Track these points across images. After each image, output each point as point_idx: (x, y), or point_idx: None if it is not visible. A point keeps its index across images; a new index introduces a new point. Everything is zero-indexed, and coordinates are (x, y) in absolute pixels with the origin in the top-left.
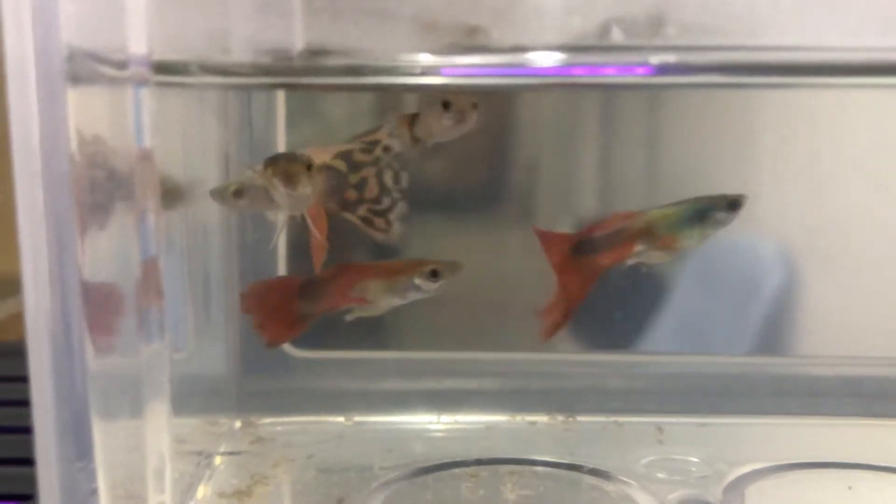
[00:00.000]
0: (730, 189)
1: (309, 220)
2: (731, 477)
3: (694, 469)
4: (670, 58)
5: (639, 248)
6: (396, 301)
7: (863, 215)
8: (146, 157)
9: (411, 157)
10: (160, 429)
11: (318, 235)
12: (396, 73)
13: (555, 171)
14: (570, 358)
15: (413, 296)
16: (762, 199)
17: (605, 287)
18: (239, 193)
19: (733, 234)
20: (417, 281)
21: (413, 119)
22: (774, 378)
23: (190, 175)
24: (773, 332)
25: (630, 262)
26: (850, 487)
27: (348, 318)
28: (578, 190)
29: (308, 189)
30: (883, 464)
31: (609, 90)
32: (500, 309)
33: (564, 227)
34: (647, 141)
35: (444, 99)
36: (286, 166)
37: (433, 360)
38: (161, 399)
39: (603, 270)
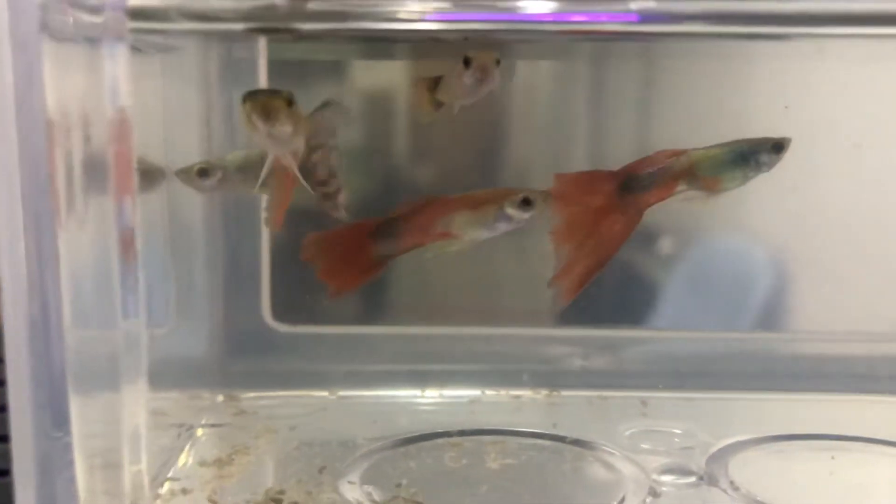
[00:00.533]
0: None
1: (292, 163)
2: (715, 448)
3: (678, 440)
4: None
5: (681, 187)
6: (484, 234)
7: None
8: (123, 119)
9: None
10: (137, 402)
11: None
12: (380, 19)
13: (545, 138)
14: (556, 333)
15: (503, 227)
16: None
17: (593, 294)
18: (203, 173)
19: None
20: (509, 210)
21: (434, 83)
22: (761, 354)
23: (170, 143)
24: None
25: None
26: (832, 457)
27: (428, 255)
28: (569, 158)
29: (288, 127)
30: (866, 435)
31: (599, 46)
32: (486, 283)
33: None
34: (638, 108)
35: (465, 55)
36: (265, 101)
37: (418, 335)
38: (138, 373)
39: (646, 210)
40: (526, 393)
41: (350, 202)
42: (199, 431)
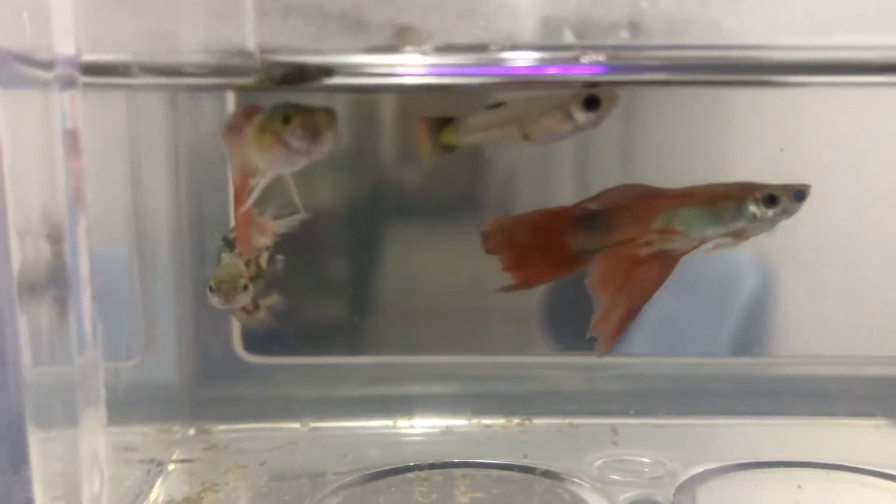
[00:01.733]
0: None
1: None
2: (683, 477)
3: (647, 470)
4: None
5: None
6: (716, 232)
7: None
8: (75, 162)
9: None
10: (96, 436)
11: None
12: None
13: (531, 175)
14: (528, 361)
15: (739, 226)
16: None
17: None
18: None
19: None
20: (752, 208)
21: (441, 124)
22: (730, 378)
23: (137, 178)
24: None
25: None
26: (798, 486)
27: (645, 251)
28: (555, 194)
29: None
30: (832, 461)
31: None
32: (457, 311)
33: None
34: (622, 145)
35: (588, 93)
36: (318, 117)
37: (389, 364)
38: (96, 406)
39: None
40: (498, 421)
41: None
42: (170, 467)
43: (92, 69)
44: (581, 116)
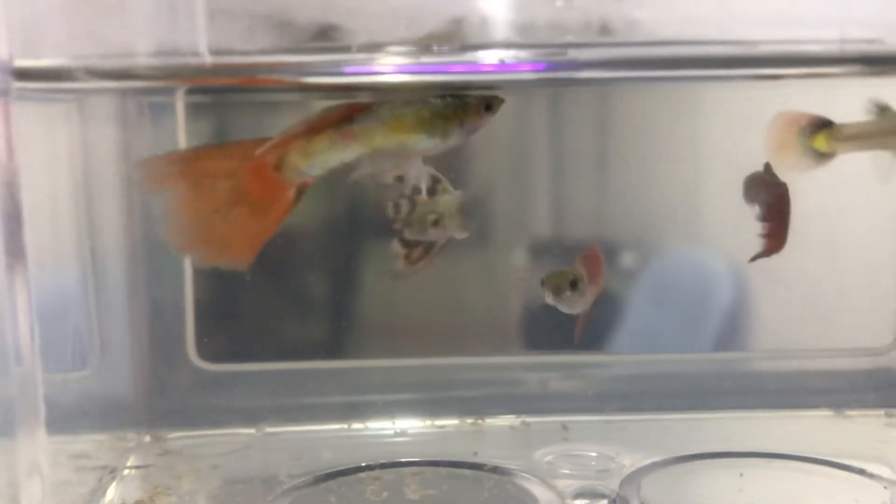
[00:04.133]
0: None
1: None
2: (629, 470)
3: (594, 464)
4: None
5: None
6: None
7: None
8: (9, 170)
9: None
10: (34, 446)
11: None
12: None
13: (505, 187)
14: (481, 362)
15: None
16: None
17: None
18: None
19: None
20: None
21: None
22: (679, 375)
23: (88, 190)
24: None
25: None
26: (741, 474)
27: None
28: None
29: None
30: (773, 451)
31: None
32: (408, 314)
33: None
34: (596, 157)
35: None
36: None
37: (343, 369)
38: (35, 417)
39: None
40: (452, 422)
41: None
42: (124, 473)
43: (31, 74)
44: None
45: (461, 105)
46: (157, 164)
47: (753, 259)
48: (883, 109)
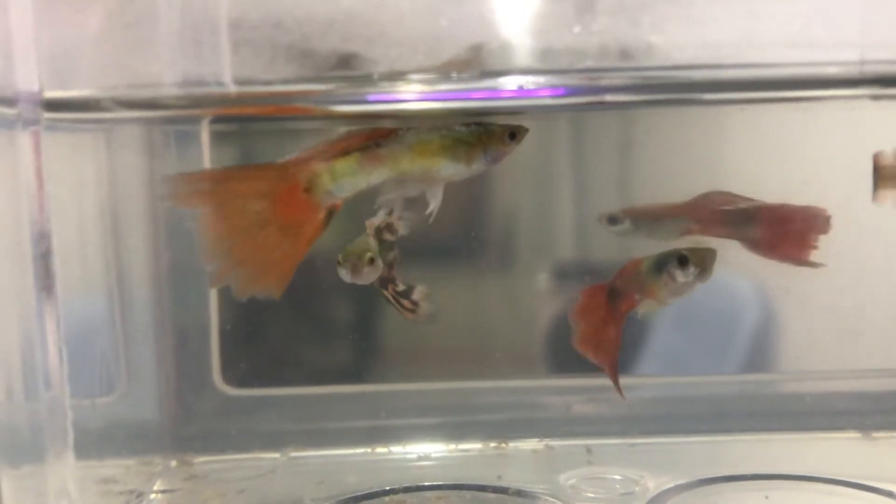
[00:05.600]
0: None
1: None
2: (654, 493)
3: (618, 487)
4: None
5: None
6: None
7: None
8: (39, 200)
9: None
10: (63, 470)
11: None
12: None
13: (528, 211)
14: (505, 385)
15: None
16: None
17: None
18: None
19: None
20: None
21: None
22: (705, 398)
23: (115, 218)
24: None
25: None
26: (766, 497)
27: None
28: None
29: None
30: (799, 473)
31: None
32: (430, 338)
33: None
34: (619, 180)
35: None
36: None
37: (367, 393)
38: (63, 441)
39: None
40: (475, 446)
41: None
42: (150, 498)
43: (61, 105)
44: None
45: (485, 133)
46: (184, 182)
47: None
48: None
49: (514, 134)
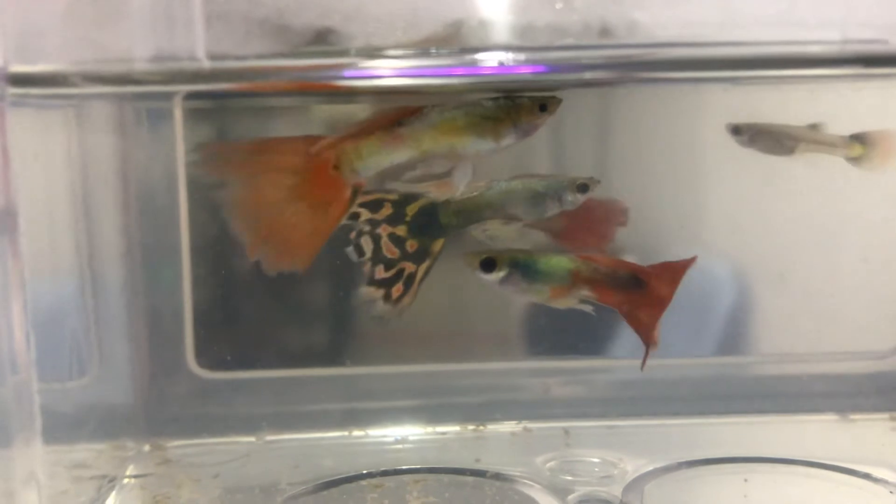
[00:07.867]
0: None
1: None
2: (632, 475)
3: (597, 470)
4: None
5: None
6: None
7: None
8: (3, 179)
9: None
10: (31, 456)
11: None
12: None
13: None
14: (482, 367)
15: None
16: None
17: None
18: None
19: None
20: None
21: None
22: (677, 380)
23: (87, 199)
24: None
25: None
26: (745, 480)
27: None
28: None
29: None
30: (777, 456)
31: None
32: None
33: None
34: (596, 161)
35: None
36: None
37: (344, 376)
38: (30, 426)
39: None
40: (453, 429)
41: None
42: (124, 482)
43: (24, 80)
44: None
45: (513, 106)
46: (217, 151)
47: None
48: None
49: (545, 105)
